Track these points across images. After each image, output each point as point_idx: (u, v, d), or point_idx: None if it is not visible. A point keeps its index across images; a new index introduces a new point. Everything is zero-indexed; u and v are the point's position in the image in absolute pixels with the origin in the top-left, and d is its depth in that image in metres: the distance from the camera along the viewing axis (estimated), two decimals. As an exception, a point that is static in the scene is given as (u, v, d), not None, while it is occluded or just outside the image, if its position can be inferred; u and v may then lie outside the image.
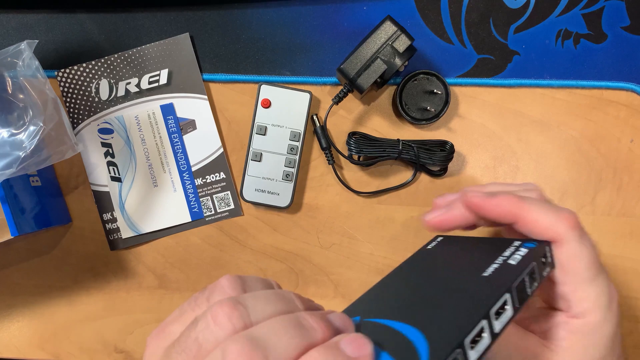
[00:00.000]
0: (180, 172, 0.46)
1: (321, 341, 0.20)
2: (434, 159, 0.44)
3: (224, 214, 0.47)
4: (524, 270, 0.25)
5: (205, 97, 0.46)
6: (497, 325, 0.23)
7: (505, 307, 0.24)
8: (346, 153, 0.45)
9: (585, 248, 0.28)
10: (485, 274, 0.26)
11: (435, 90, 0.44)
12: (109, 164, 0.46)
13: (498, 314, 0.23)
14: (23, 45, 0.38)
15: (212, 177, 0.46)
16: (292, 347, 0.19)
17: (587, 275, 0.28)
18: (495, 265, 0.26)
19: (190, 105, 0.46)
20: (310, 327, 0.20)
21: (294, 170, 0.45)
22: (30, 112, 0.37)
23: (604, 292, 0.28)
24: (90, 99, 0.46)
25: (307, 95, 0.44)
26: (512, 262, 0.26)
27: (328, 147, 0.45)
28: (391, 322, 0.22)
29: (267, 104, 0.44)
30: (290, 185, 0.45)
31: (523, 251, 0.27)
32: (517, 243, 0.28)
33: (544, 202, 0.29)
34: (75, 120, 0.46)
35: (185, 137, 0.46)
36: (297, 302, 0.22)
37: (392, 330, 0.22)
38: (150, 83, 0.46)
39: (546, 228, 0.28)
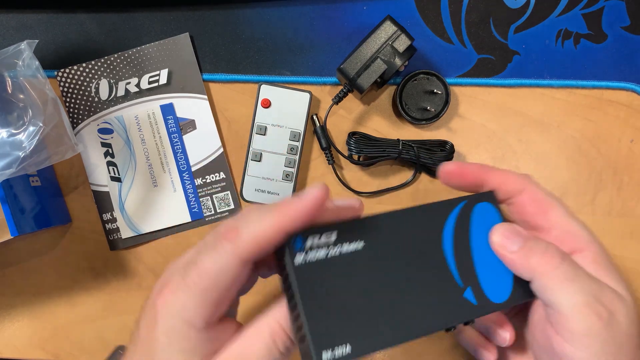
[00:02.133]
0: (180, 172, 0.46)
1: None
2: (434, 159, 0.44)
3: (224, 214, 0.47)
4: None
5: (205, 97, 0.46)
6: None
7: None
8: (346, 153, 0.45)
9: (553, 194, 0.31)
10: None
11: (435, 90, 0.44)
12: (109, 164, 0.46)
13: None
14: (23, 45, 0.38)
15: (212, 177, 0.46)
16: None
17: (566, 210, 0.30)
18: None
19: (190, 105, 0.46)
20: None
21: (294, 170, 0.45)
22: (30, 112, 0.37)
23: (585, 225, 0.30)
24: (90, 99, 0.46)
25: (307, 95, 0.44)
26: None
27: (328, 147, 0.45)
28: None
29: (267, 104, 0.44)
30: (290, 185, 0.45)
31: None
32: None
33: (503, 169, 0.32)
34: (75, 120, 0.46)
35: (185, 137, 0.46)
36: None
37: None
38: (150, 83, 0.46)
39: (509, 179, 0.31)
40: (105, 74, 0.46)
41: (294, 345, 0.26)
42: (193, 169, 0.46)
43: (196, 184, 0.46)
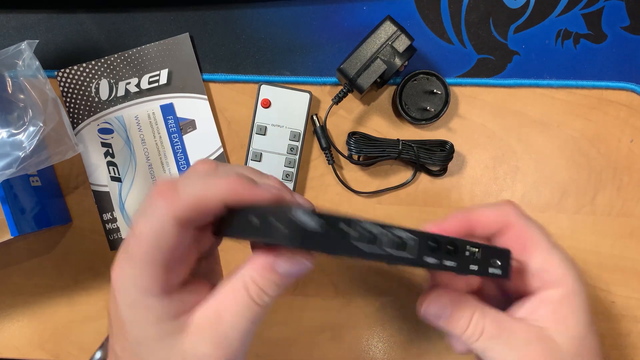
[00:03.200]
0: (180, 172, 0.46)
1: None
2: (434, 159, 0.44)
3: (224, 214, 0.47)
4: None
5: (205, 97, 0.46)
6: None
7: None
8: (346, 153, 0.45)
9: (535, 224, 0.31)
10: None
11: (435, 90, 0.44)
12: (109, 164, 0.46)
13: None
14: (23, 45, 0.38)
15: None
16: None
17: (547, 244, 0.30)
18: None
19: (190, 105, 0.46)
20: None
21: (294, 170, 0.45)
22: (30, 112, 0.37)
23: (567, 258, 0.30)
24: (90, 99, 0.46)
25: (307, 95, 0.44)
26: None
27: (328, 147, 0.45)
28: None
29: (267, 104, 0.44)
30: (290, 185, 0.45)
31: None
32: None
33: (486, 204, 0.32)
34: (75, 120, 0.46)
35: (185, 137, 0.46)
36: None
37: None
38: (150, 83, 0.46)
39: (494, 219, 0.31)
40: (105, 74, 0.46)
41: (270, 298, 0.25)
42: (193, 169, 0.46)
43: (196, 184, 0.46)
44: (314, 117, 0.45)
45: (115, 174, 0.46)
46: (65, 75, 0.46)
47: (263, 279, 0.25)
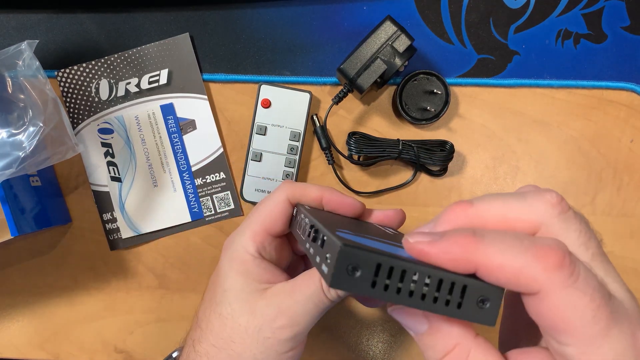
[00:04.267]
0: (180, 172, 0.46)
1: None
2: (434, 159, 0.44)
3: (224, 214, 0.47)
4: None
5: (205, 97, 0.46)
6: None
7: None
8: (346, 153, 0.45)
9: (581, 292, 0.19)
10: None
11: (435, 90, 0.44)
12: (109, 164, 0.46)
13: None
14: (23, 45, 0.38)
15: (212, 177, 0.46)
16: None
17: (592, 331, 0.19)
18: None
19: (190, 105, 0.46)
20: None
21: (294, 170, 0.45)
22: (30, 112, 0.37)
23: (625, 348, 0.19)
24: (90, 99, 0.46)
25: (307, 95, 0.44)
26: None
27: (328, 147, 0.45)
28: None
29: (267, 104, 0.44)
30: (290, 185, 0.45)
31: None
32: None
33: (509, 236, 0.20)
34: (75, 120, 0.46)
35: (185, 137, 0.46)
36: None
37: None
38: (150, 83, 0.46)
39: (517, 276, 0.19)
40: (105, 74, 0.46)
41: (338, 296, 0.28)
42: (193, 169, 0.46)
43: (196, 184, 0.46)
44: (314, 117, 0.45)
45: (115, 174, 0.46)
46: (65, 75, 0.46)
47: None
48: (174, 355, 0.39)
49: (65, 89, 0.46)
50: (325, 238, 0.22)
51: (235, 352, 0.29)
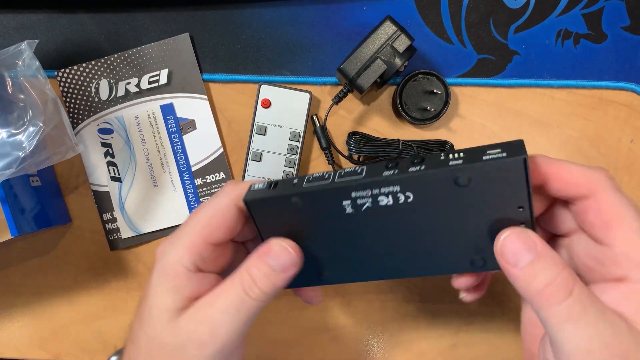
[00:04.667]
0: (180, 172, 0.46)
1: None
2: (434, 159, 0.44)
3: (224, 214, 0.47)
4: None
5: (205, 97, 0.46)
6: None
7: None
8: (346, 153, 0.45)
9: (627, 200, 0.25)
10: None
11: (435, 90, 0.44)
12: (109, 164, 0.46)
13: None
14: (23, 45, 0.38)
15: (212, 177, 0.46)
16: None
17: (637, 227, 0.24)
18: None
19: (190, 105, 0.46)
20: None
21: (294, 171, 0.45)
22: (30, 112, 0.37)
23: None
24: (90, 99, 0.46)
25: (307, 95, 0.44)
26: None
27: (328, 147, 0.45)
28: None
29: (267, 104, 0.44)
30: (290, 185, 0.45)
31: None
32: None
33: (573, 162, 0.27)
34: (75, 120, 0.46)
35: (185, 137, 0.46)
36: None
37: None
38: (150, 83, 0.46)
39: (579, 179, 0.25)
40: (105, 74, 0.46)
41: (260, 291, 0.28)
42: (193, 169, 0.46)
43: (196, 184, 0.46)
44: (314, 117, 0.45)
45: (115, 174, 0.46)
46: (65, 75, 0.46)
47: (255, 269, 0.28)
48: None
49: (65, 89, 0.46)
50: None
51: None
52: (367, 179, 0.26)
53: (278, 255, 0.28)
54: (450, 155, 0.26)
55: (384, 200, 0.27)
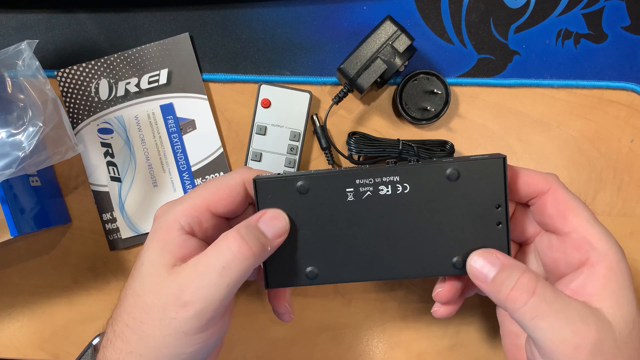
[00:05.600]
0: (180, 172, 0.46)
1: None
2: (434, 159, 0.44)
3: (224, 214, 0.47)
4: None
5: (205, 97, 0.46)
6: None
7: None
8: (346, 153, 0.45)
9: (577, 197, 0.30)
10: None
11: (435, 90, 0.44)
12: (109, 164, 0.46)
13: None
14: (23, 45, 0.37)
15: (212, 177, 0.46)
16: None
17: (589, 215, 0.29)
18: None
19: (190, 105, 0.46)
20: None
21: (294, 171, 0.45)
22: (30, 112, 0.37)
23: (608, 232, 0.29)
24: (90, 99, 0.46)
25: (307, 95, 0.44)
26: None
27: (328, 147, 0.45)
28: None
29: (267, 104, 0.44)
30: (290, 185, 0.45)
31: None
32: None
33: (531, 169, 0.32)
34: (74, 120, 0.46)
35: (185, 137, 0.46)
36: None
37: None
38: (150, 83, 0.46)
39: (537, 181, 0.30)
40: (105, 74, 0.46)
41: (254, 256, 0.28)
42: (193, 169, 0.46)
43: (196, 184, 0.46)
44: (314, 117, 0.45)
45: (115, 174, 0.46)
46: (65, 75, 0.46)
47: (245, 229, 0.28)
48: (94, 342, 0.37)
49: (65, 89, 0.46)
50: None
51: (145, 333, 0.27)
52: (371, 169, 0.30)
53: (271, 220, 0.30)
54: (444, 159, 0.31)
55: (383, 190, 0.30)
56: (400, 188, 0.30)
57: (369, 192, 0.30)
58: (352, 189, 0.30)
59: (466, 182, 0.30)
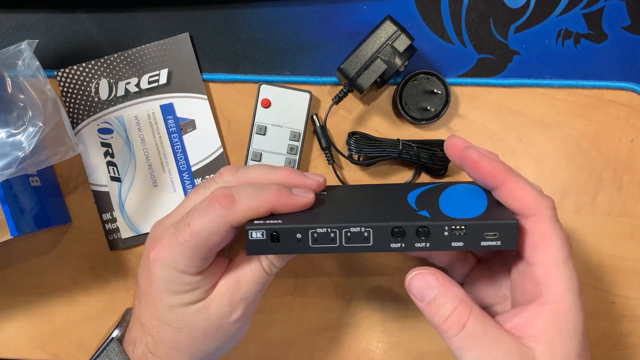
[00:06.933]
0: (180, 172, 0.46)
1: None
2: (434, 159, 0.44)
3: (224, 214, 0.47)
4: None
5: (205, 97, 0.46)
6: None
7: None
8: (346, 153, 0.45)
9: (561, 228, 0.29)
10: None
11: (435, 90, 0.44)
12: (109, 164, 0.46)
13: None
14: (23, 45, 0.37)
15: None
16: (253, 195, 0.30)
17: (560, 255, 0.28)
18: None
19: (190, 105, 0.46)
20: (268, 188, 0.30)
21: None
22: (30, 112, 0.37)
23: (574, 277, 0.28)
24: (90, 98, 0.46)
25: (307, 95, 0.44)
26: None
27: (328, 147, 0.45)
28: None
29: (267, 104, 0.44)
30: (290, 185, 0.45)
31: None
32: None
33: (531, 183, 0.30)
34: (74, 120, 0.46)
35: (185, 137, 0.46)
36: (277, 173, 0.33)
37: None
38: (150, 83, 0.46)
39: (528, 198, 0.29)
40: (105, 74, 0.46)
41: (277, 268, 0.33)
42: (193, 169, 0.46)
43: (196, 184, 0.46)
44: (314, 117, 0.45)
45: (115, 174, 0.46)
46: (65, 75, 0.46)
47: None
48: (114, 334, 0.38)
49: (65, 89, 0.46)
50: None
51: (197, 349, 0.32)
52: (375, 248, 0.29)
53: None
54: (455, 233, 0.29)
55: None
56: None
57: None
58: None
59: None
